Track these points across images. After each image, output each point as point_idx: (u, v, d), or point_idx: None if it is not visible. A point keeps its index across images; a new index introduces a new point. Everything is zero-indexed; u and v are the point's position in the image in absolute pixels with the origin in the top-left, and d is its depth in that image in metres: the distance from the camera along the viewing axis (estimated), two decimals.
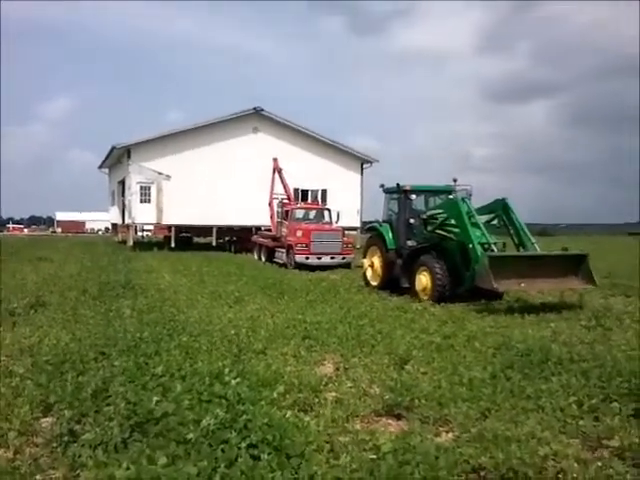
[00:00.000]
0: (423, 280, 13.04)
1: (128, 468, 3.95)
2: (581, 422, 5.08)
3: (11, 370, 6.57)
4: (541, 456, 4.37)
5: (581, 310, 11.44)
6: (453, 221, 13.27)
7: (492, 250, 12.16)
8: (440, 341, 8.40)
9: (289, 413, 5.13)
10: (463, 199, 13.21)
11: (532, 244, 12.68)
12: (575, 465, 4.26)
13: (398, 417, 5.38)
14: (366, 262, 15.71)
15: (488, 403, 5.57)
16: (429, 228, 13.96)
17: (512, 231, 13.07)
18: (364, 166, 36.19)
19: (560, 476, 4.13)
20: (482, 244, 12.28)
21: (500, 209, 13.15)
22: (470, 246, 12.26)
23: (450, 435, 4.95)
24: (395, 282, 14.26)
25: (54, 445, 4.51)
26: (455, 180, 14.73)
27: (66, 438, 4.57)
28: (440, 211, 14.04)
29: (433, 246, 13.50)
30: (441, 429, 5.08)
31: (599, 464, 4.28)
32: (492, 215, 13.42)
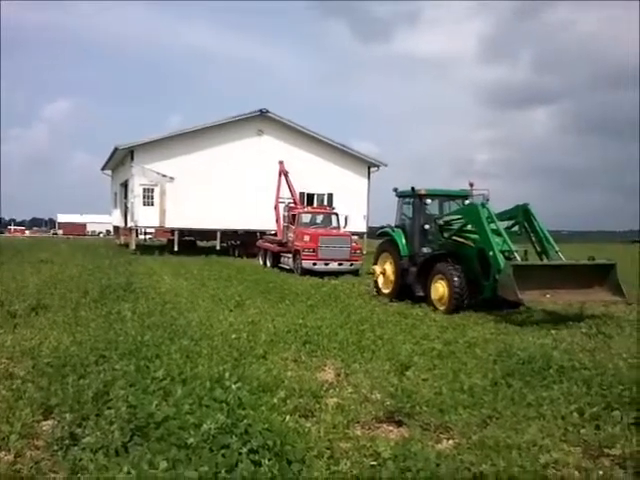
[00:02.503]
0: (440, 289, 12.54)
1: (129, 472, 3.96)
2: (582, 430, 5.07)
3: (12, 373, 6.59)
4: (542, 464, 4.37)
5: (582, 317, 11.41)
6: (471, 227, 12.85)
7: (515, 258, 11.63)
8: (441, 348, 8.39)
9: (290, 418, 5.13)
10: (483, 204, 12.63)
11: (556, 252, 12.09)
12: (576, 473, 4.27)
13: (399, 423, 5.38)
14: (377, 269, 14.97)
15: (489, 410, 5.57)
16: (445, 234, 13.49)
17: (534, 238, 12.49)
18: (371, 170, 35.59)
19: None
20: (503, 252, 11.78)
21: (521, 215, 12.51)
22: (491, 253, 11.76)
23: (451, 442, 4.94)
24: (408, 290, 13.83)
25: (55, 448, 4.51)
26: (471, 184, 14.19)
27: (67, 441, 4.57)
28: (458, 216, 13.56)
29: (450, 253, 13.00)
30: (442, 436, 5.07)
31: (600, 473, 4.28)
32: (512, 221, 12.79)
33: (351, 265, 20.99)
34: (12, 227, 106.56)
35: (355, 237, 30.67)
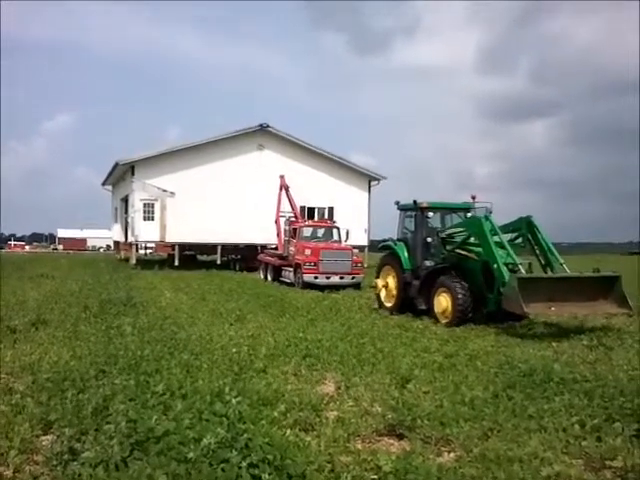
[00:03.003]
0: (443, 302, 12.42)
1: None
2: (584, 442, 5.05)
3: (11, 388, 6.57)
4: (544, 476, 4.35)
5: (583, 329, 11.37)
6: (474, 240, 12.74)
7: (519, 271, 11.51)
8: (442, 360, 8.38)
9: (290, 432, 5.12)
10: (486, 217, 12.50)
11: (561, 265, 11.93)
12: None
13: (400, 437, 5.35)
14: (380, 283, 14.83)
15: (490, 423, 5.55)
16: (448, 247, 13.37)
17: (538, 251, 12.33)
18: (371, 183, 35.50)
19: None
20: (507, 264, 11.68)
21: (525, 227, 12.32)
22: (495, 266, 11.62)
23: (452, 455, 4.92)
24: (410, 304, 13.72)
25: (54, 463, 4.49)
26: (474, 197, 14.17)
27: (66, 456, 4.54)
28: (460, 229, 13.49)
29: (452, 266, 12.93)
30: (443, 449, 5.05)
31: None
32: (515, 234, 12.63)
33: (352, 279, 20.88)
34: (12, 242, 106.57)
35: (356, 250, 30.58)
